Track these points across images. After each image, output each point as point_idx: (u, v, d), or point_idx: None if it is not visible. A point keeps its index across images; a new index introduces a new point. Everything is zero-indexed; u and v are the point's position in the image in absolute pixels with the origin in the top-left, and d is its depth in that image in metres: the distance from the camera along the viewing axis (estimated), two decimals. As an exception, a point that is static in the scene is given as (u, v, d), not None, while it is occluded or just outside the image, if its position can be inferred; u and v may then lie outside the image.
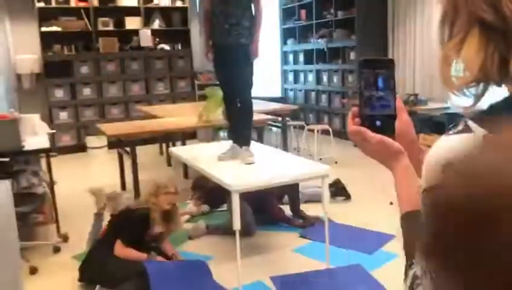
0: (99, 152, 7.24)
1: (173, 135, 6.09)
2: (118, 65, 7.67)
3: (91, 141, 7.24)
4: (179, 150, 4.30)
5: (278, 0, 9.13)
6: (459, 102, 0.67)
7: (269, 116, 5.66)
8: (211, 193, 4.56)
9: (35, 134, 4.13)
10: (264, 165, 3.44)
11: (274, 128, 7.76)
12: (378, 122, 0.82)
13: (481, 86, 0.61)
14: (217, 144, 4.44)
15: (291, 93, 9.08)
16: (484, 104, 0.62)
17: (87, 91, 7.50)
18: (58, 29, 7.21)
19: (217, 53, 3.53)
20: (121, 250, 3.00)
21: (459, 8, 0.60)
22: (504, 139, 0.50)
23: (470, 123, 0.57)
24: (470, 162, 0.55)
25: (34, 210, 3.61)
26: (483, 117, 0.57)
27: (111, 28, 7.57)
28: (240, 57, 3.44)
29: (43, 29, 7.10)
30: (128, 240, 3.02)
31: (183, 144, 5.99)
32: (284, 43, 9.12)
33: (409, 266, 0.68)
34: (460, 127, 0.58)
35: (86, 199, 3.73)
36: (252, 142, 3.80)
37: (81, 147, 7.35)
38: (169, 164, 6.34)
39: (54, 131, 4.66)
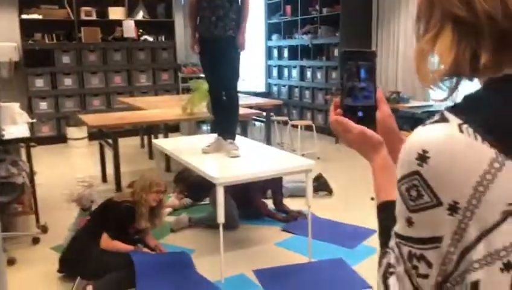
0: (80, 143, 7.13)
1: (156, 127, 6.04)
2: (100, 56, 7.55)
3: (71, 132, 7.13)
4: (162, 142, 4.26)
5: (263, -5, 9.11)
6: (434, 94, 0.70)
7: (254, 111, 5.66)
8: (194, 187, 4.54)
9: (14, 123, 4.04)
10: (248, 159, 3.44)
11: (257, 123, 7.77)
12: (359, 113, 0.83)
13: (455, 79, 0.64)
14: (200, 137, 4.42)
15: (275, 89, 9.09)
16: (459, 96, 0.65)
17: (68, 81, 7.37)
18: (40, 17, 7.06)
19: (204, 45, 3.50)
20: (108, 242, 2.97)
21: (434, 4, 0.63)
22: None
23: (446, 113, 0.59)
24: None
25: (13, 200, 3.54)
26: (459, 108, 0.60)
27: (94, 17, 7.44)
28: (226, 50, 3.43)
29: (24, 16, 6.95)
30: (114, 232, 2.99)
31: (166, 136, 5.95)
32: (269, 38, 9.11)
33: (383, 255, 0.70)
34: (436, 118, 0.60)
35: (66, 190, 3.68)
36: (237, 136, 3.79)
37: (61, 138, 7.23)
38: (150, 157, 6.29)
39: (34, 120, 4.56)
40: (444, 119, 0.59)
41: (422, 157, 0.58)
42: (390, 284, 0.66)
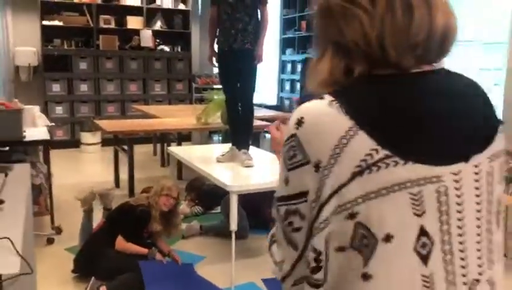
0: (93, 149, 7.24)
1: (169, 135, 6.13)
2: (117, 63, 7.69)
3: (85, 137, 7.24)
4: (177, 150, 4.34)
5: (279, 10, 9.24)
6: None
7: (266, 123, 5.73)
8: (205, 195, 4.61)
9: (34, 126, 4.15)
10: (262, 168, 3.51)
11: (268, 135, 7.83)
12: None
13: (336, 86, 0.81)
14: (213, 146, 4.50)
15: (287, 102, 9.16)
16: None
17: (84, 87, 7.51)
18: (60, 23, 7.23)
19: (222, 57, 3.59)
20: (123, 245, 3.03)
21: (322, 35, 0.83)
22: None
23: (325, 95, 0.77)
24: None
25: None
26: (335, 91, 0.77)
27: (112, 26, 7.60)
28: (244, 62, 3.51)
29: (45, 22, 7.12)
30: (129, 234, 3.05)
31: (179, 145, 6.03)
32: (283, 52, 9.22)
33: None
34: (318, 97, 0.77)
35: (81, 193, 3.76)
36: (250, 147, 3.86)
37: (74, 143, 7.34)
38: (162, 165, 6.37)
39: (53, 124, 4.67)
40: (321, 98, 0.76)
41: (299, 122, 0.75)
42: (274, 251, 0.85)
